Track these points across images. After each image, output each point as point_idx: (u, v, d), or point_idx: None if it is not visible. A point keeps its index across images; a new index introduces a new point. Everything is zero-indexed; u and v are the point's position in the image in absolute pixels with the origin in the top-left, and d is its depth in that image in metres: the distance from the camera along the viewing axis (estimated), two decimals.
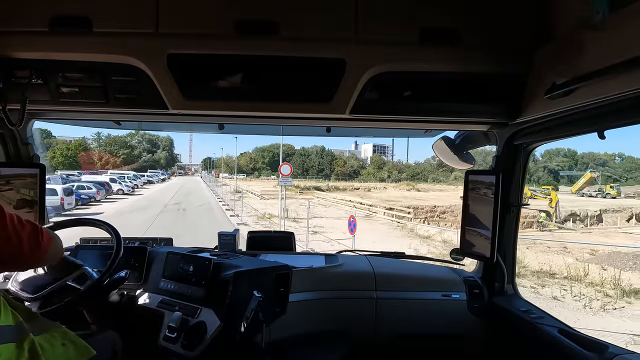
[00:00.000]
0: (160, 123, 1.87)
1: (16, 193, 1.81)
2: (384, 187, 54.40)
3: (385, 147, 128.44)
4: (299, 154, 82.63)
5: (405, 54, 1.40)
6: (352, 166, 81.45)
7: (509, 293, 1.96)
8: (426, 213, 24.83)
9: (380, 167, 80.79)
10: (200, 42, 1.38)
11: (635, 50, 0.94)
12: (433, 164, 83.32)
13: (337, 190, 42.69)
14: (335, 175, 75.01)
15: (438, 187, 55.72)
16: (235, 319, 1.44)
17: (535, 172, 70.52)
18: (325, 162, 79.49)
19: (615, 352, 1.30)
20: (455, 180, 65.01)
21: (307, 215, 13.31)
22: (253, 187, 36.79)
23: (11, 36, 1.38)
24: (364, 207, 23.84)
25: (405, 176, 72.79)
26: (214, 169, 79.60)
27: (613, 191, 40.24)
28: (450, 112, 1.57)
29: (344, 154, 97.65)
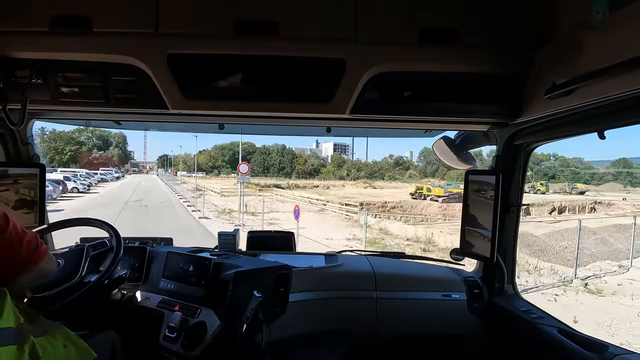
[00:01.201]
0: (160, 123, 1.87)
1: (16, 193, 1.81)
2: (342, 184, 56.47)
3: (346, 146, 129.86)
4: (260, 152, 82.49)
5: (405, 54, 1.41)
6: (313, 165, 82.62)
7: (509, 293, 1.96)
8: (377, 208, 26.84)
9: (340, 165, 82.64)
10: (200, 42, 1.38)
11: (635, 50, 0.93)
12: (390, 162, 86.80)
13: (297, 188, 43.97)
14: (296, 173, 75.88)
15: (394, 184, 58.44)
16: (235, 319, 1.44)
17: None
18: (286, 161, 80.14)
19: (615, 352, 1.30)
20: (410, 178, 68.80)
21: (263, 208, 15.14)
22: (213, 185, 37.23)
23: (11, 36, 1.38)
24: (319, 202, 25.74)
25: (364, 174, 75.16)
26: (171, 167, 77.54)
27: (543, 187, 45.72)
28: (450, 112, 1.56)
29: (305, 152, 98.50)
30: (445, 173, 75.09)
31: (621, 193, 48.69)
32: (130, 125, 2.02)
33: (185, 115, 1.61)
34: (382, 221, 17.10)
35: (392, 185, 55.33)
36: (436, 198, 31.67)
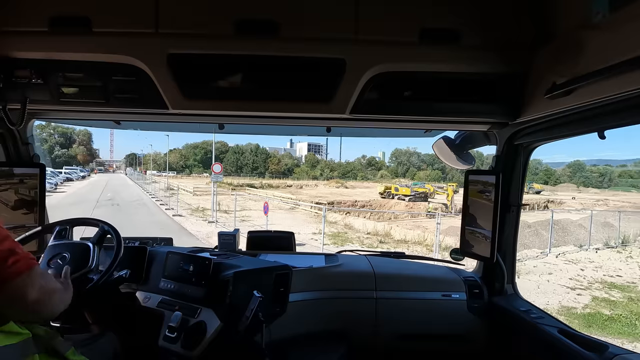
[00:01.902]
0: (160, 123, 1.87)
1: (16, 193, 1.80)
2: (315, 184, 57.31)
3: (320, 146, 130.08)
4: (233, 152, 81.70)
5: (405, 54, 1.40)
6: (287, 164, 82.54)
7: (509, 293, 1.96)
8: (348, 207, 28.37)
9: (314, 165, 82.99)
10: (200, 42, 1.38)
11: (635, 50, 0.93)
12: (363, 163, 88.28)
13: (271, 187, 44.43)
14: (269, 173, 75.67)
15: (365, 184, 59.75)
16: (235, 319, 1.44)
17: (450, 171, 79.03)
18: (259, 160, 79.80)
19: (615, 352, 1.30)
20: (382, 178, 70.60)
21: (235, 207, 15.99)
22: (184, 184, 37.21)
23: (11, 36, 1.37)
24: (290, 201, 26.72)
25: (337, 174, 75.82)
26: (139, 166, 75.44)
27: None
28: (450, 112, 1.56)
29: (279, 152, 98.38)
30: (415, 174, 77.46)
31: (573, 193, 52.94)
32: (130, 125, 2.02)
33: (185, 115, 1.61)
34: (347, 217, 18.61)
35: (363, 185, 56.77)
36: (403, 197, 33.33)
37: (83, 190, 30.30)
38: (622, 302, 7.88)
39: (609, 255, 12.09)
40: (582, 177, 70.23)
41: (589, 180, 69.50)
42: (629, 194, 53.10)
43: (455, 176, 74.35)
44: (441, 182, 58.48)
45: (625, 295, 8.38)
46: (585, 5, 1.10)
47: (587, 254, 12.07)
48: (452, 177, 73.70)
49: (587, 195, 51.15)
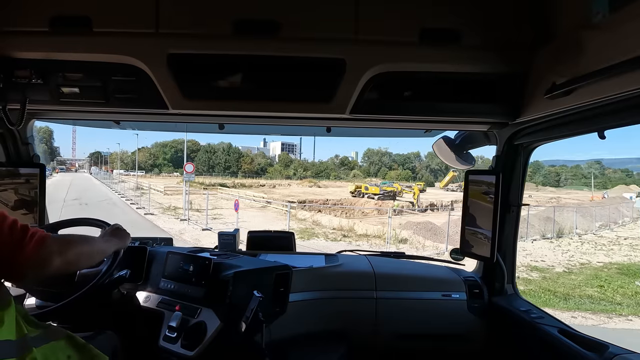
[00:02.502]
0: (160, 123, 1.87)
1: (16, 193, 1.80)
2: (288, 184, 57.69)
3: (294, 146, 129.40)
4: (205, 151, 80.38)
5: (405, 54, 1.41)
6: (260, 164, 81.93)
7: (509, 293, 1.96)
8: (319, 205, 29.30)
9: (287, 165, 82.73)
10: (200, 42, 1.38)
11: (635, 50, 0.93)
12: (336, 162, 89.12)
13: (243, 187, 44.50)
14: (242, 172, 74.91)
15: (338, 183, 60.62)
16: (235, 319, 1.44)
17: (419, 171, 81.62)
18: (232, 160, 78.91)
19: (615, 352, 1.30)
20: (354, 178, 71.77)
21: (207, 205, 16.51)
22: (154, 183, 36.75)
23: (11, 36, 1.37)
24: (262, 200, 27.33)
25: (310, 174, 75.87)
26: (105, 165, 72.68)
27: None
28: (450, 112, 1.56)
29: (252, 151, 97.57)
30: (386, 173, 79.29)
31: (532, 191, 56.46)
32: (130, 125, 2.03)
33: (185, 115, 1.62)
34: (315, 215, 19.77)
35: (336, 185, 57.65)
36: (372, 196, 34.51)
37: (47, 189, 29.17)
38: (536, 280, 9.86)
39: (542, 245, 14.00)
40: (540, 177, 74.62)
41: (546, 180, 73.82)
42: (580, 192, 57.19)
43: (424, 176, 76.76)
44: (411, 182, 60.37)
45: (541, 275, 10.46)
46: (585, 5, 1.10)
47: (523, 244, 13.91)
48: (422, 176, 76.04)
49: (543, 193, 54.86)
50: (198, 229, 14.74)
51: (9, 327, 0.88)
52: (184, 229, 14.50)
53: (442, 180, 56.57)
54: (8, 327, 0.88)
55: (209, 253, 1.78)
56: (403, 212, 23.82)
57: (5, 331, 0.87)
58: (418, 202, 28.58)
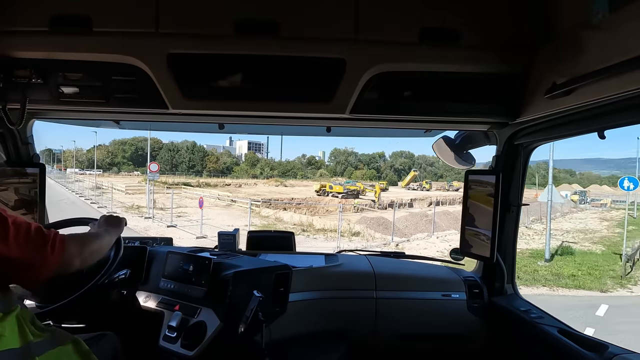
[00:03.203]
0: (160, 123, 1.87)
1: (16, 193, 1.80)
2: (254, 183, 57.61)
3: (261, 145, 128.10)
4: (167, 149, 78.13)
5: (406, 54, 1.41)
6: (225, 163, 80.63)
7: (509, 293, 1.97)
8: (284, 204, 30.09)
9: (254, 164, 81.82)
10: (200, 42, 1.39)
11: (635, 50, 0.93)
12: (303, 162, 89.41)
13: (208, 186, 44.17)
14: (207, 171, 73.59)
15: (305, 183, 61.04)
16: (235, 319, 1.44)
17: (384, 170, 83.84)
18: (196, 158, 77.19)
19: (614, 352, 1.30)
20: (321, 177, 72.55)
21: (172, 204, 16.91)
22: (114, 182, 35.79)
23: (11, 36, 1.38)
24: (227, 199, 27.75)
25: (277, 173, 75.62)
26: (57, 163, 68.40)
27: (427, 185, 54.35)
28: (450, 112, 1.57)
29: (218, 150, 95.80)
30: (352, 172, 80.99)
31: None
32: (130, 125, 2.03)
33: (185, 115, 1.62)
34: (278, 212, 20.83)
35: (302, 184, 58.13)
36: (336, 194, 35.60)
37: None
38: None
39: None
40: None
41: None
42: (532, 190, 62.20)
43: (388, 175, 78.97)
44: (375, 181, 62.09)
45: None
46: (585, 5, 1.10)
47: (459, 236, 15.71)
48: (386, 176, 78.15)
49: None
50: (163, 226, 15.18)
51: (12, 334, 0.87)
52: (148, 226, 14.81)
53: (404, 179, 59.23)
54: (11, 334, 0.87)
55: (209, 253, 1.79)
56: (365, 210, 25.23)
57: (8, 339, 0.85)
58: (379, 201, 29.91)
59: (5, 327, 0.86)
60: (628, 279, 9.74)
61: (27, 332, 0.91)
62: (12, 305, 0.90)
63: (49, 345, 0.97)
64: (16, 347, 0.87)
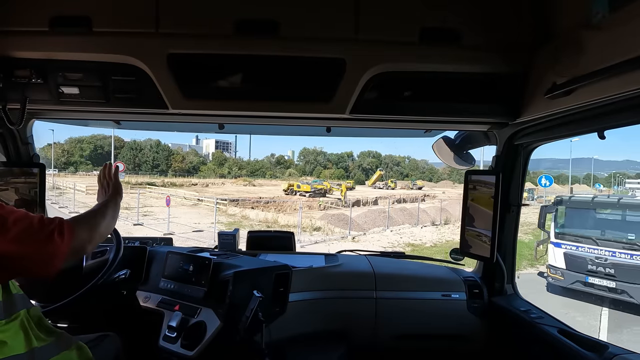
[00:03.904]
0: (160, 123, 1.87)
1: (16, 193, 1.81)
2: (222, 182, 57.04)
3: (228, 144, 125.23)
4: (130, 148, 75.17)
5: (406, 53, 1.41)
6: (192, 162, 78.82)
7: (509, 293, 1.97)
8: (252, 203, 30.57)
9: (222, 163, 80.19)
10: (200, 42, 1.39)
11: (635, 50, 0.94)
12: (272, 161, 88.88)
13: (174, 186, 43.44)
14: (172, 171, 71.87)
15: (273, 182, 60.83)
16: (235, 319, 1.45)
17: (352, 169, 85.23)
18: (161, 157, 74.76)
19: (614, 352, 1.31)
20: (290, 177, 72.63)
21: (137, 203, 17.12)
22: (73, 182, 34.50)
23: (11, 36, 1.38)
24: (193, 198, 27.89)
25: (245, 172, 74.76)
26: None
27: (393, 184, 56.39)
28: (450, 112, 1.57)
29: (183, 149, 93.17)
30: (321, 172, 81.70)
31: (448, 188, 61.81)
32: (130, 125, 2.03)
33: (185, 115, 1.62)
34: (245, 210, 21.75)
35: (271, 183, 58.06)
36: (304, 193, 36.24)
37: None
38: (406, 251, 12.83)
39: (428, 230, 17.59)
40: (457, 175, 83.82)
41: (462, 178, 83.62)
42: None
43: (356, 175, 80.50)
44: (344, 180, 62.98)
45: (413, 248, 14.43)
46: (585, 5, 1.10)
47: (413, 229, 17.60)
48: (354, 175, 79.58)
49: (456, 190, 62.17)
50: (129, 224, 15.34)
51: (17, 341, 0.86)
52: None
53: (371, 178, 61.12)
54: (15, 341, 0.86)
55: (208, 253, 1.80)
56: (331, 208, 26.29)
57: (12, 346, 0.85)
58: (345, 199, 30.73)
59: (9, 333, 0.85)
60: (539, 260, 11.42)
61: (31, 337, 0.91)
62: (16, 309, 0.89)
63: (53, 350, 0.97)
64: (21, 352, 0.86)
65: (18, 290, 0.95)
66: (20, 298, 0.94)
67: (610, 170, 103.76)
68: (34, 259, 0.90)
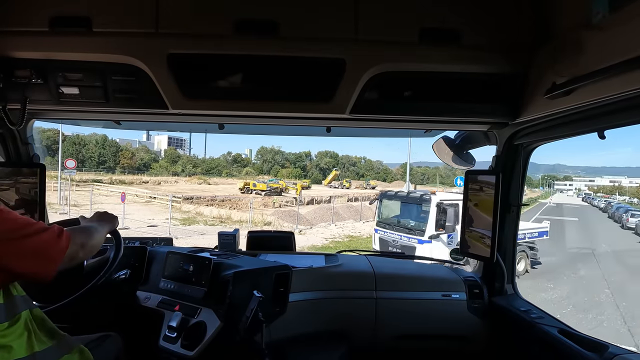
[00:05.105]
0: (160, 123, 1.88)
1: (16, 193, 1.81)
2: (175, 181, 55.62)
3: (182, 141, 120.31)
4: (72, 142, 70.06)
5: (406, 53, 1.42)
6: (142, 159, 75.30)
7: (509, 293, 1.98)
8: (207, 201, 30.80)
9: (175, 161, 77.32)
10: (200, 42, 1.39)
11: (635, 50, 0.94)
12: (229, 159, 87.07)
13: (123, 183, 42.05)
14: (120, 168, 68.33)
15: (230, 180, 60.09)
16: (235, 319, 1.45)
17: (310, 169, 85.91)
18: (107, 154, 70.47)
19: (615, 352, 1.31)
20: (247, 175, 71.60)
21: (91, 200, 17.24)
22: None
23: (11, 36, 1.38)
24: (145, 196, 27.81)
25: (200, 170, 72.91)
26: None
27: (347, 184, 58.17)
28: (450, 112, 1.58)
29: (133, 145, 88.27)
30: (278, 171, 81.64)
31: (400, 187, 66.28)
32: (130, 125, 2.04)
33: (185, 115, 1.63)
34: (199, 207, 23.24)
35: (227, 182, 57.21)
36: (260, 192, 36.74)
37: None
38: (345, 242, 15.87)
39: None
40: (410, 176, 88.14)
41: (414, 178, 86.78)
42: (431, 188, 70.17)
43: (314, 174, 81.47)
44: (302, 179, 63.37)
45: (351, 240, 16.45)
46: (585, 5, 1.11)
47: (356, 224, 19.75)
48: (312, 174, 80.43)
49: None
50: None
51: (20, 345, 0.86)
52: None
53: (327, 178, 62.80)
54: (18, 345, 0.86)
55: (209, 253, 1.80)
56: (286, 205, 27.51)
57: (16, 350, 0.85)
58: (300, 197, 32.55)
59: (12, 337, 0.85)
60: None
61: (33, 341, 0.90)
62: (18, 310, 0.89)
63: (55, 353, 0.97)
64: (23, 356, 0.86)
65: (20, 292, 0.95)
66: (21, 300, 0.93)
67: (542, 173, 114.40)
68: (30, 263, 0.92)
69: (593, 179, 57.44)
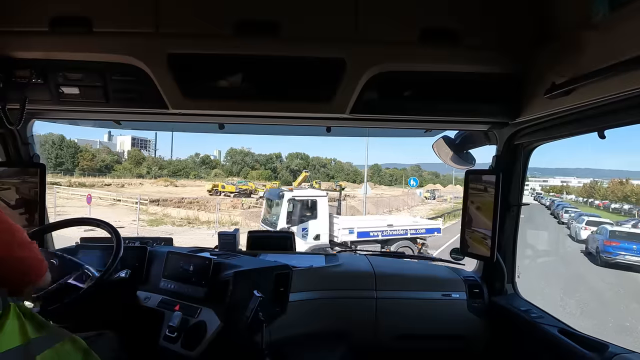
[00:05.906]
0: (160, 123, 1.89)
1: (16, 193, 1.81)
2: (140, 183, 54.04)
3: (147, 141, 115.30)
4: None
5: (406, 53, 1.42)
6: (104, 160, 72.10)
7: (509, 293, 1.98)
8: (175, 203, 30.51)
9: (139, 162, 74.59)
10: (200, 42, 1.40)
11: (635, 50, 0.94)
12: (197, 161, 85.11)
13: (83, 186, 40.56)
14: (80, 170, 65.01)
15: (198, 182, 59.18)
16: (235, 319, 1.45)
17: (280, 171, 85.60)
18: (65, 155, 66.81)
19: (615, 352, 1.31)
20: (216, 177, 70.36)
21: (55, 202, 16.89)
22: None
23: (11, 36, 1.38)
24: (109, 198, 27.24)
25: (167, 172, 70.77)
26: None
27: (317, 185, 58.70)
28: (450, 112, 1.58)
29: (93, 145, 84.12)
30: (248, 173, 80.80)
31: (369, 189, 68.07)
32: (130, 125, 2.05)
33: (185, 115, 1.63)
34: (166, 209, 23.79)
35: (195, 184, 56.43)
36: (229, 194, 36.39)
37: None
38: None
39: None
40: (378, 177, 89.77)
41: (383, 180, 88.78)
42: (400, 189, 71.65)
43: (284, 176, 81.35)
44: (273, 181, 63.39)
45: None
46: (585, 5, 1.11)
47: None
48: (282, 176, 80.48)
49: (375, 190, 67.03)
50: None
51: (13, 333, 0.87)
52: None
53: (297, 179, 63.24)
54: (11, 333, 0.87)
55: (209, 253, 1.81)
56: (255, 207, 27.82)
57: (9, 339, 0.86)
58: None
59: (5, 326, 0.87)
60: None
61: (27, 329, 0.91)
62: (6, 302, 0.91)
63: (48, 342, 0.97)
64: (16, 345, 0.87)
65: None
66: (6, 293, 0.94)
67: None
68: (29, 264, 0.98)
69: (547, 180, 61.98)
